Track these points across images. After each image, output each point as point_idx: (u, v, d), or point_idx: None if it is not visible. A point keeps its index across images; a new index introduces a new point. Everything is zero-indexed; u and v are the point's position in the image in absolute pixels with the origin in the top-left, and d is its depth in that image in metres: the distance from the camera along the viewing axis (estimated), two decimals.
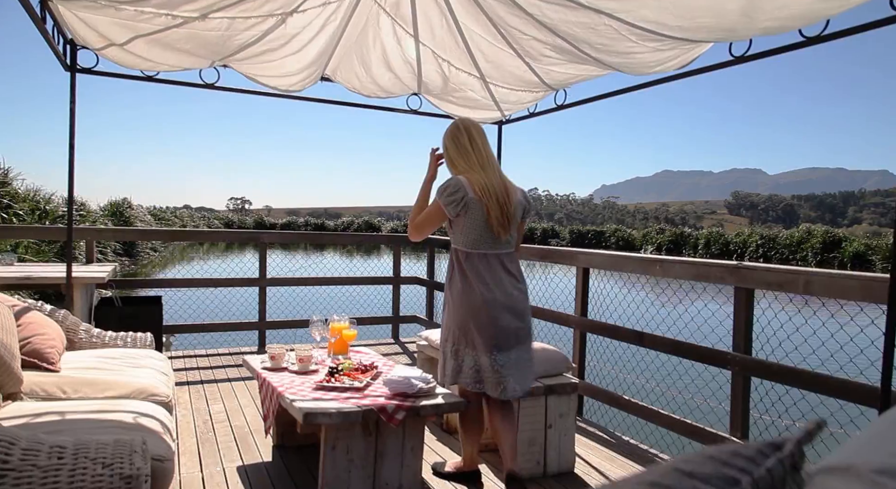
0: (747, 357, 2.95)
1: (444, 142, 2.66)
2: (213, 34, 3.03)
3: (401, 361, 5.66)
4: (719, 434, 3.09)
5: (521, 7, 2.68)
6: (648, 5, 2.26)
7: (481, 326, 2.57)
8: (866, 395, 2.42)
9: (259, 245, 5.70)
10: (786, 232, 47.67)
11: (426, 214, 2.70)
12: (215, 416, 3.90)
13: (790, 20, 2.19)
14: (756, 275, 2.88)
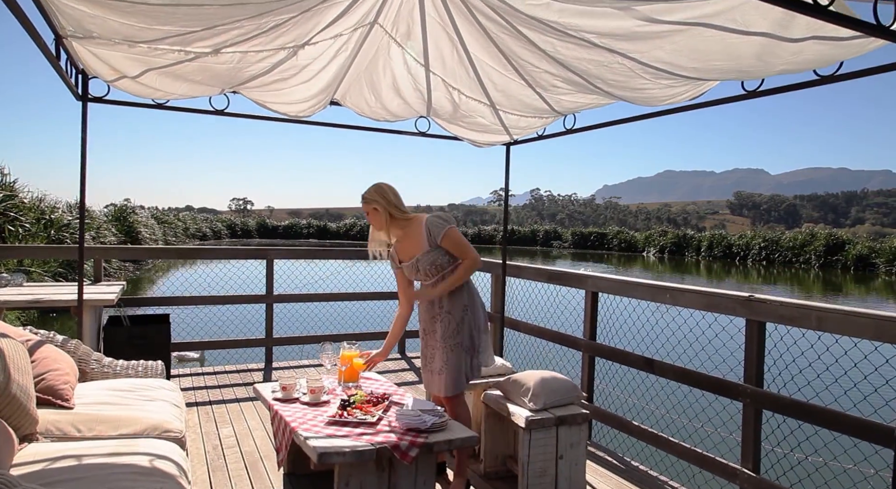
0: (759, 390, 2.95)
1: (385, 197, 3.14)
2: (224, 67, 3.04)
3: (407, 379, 5.67)
4: (730, 465, 3.09)
5: (534, 43, 2.68)
6: (663, 47, 2.27)
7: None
8: (882, 436, 2.41)
9: (267, 261, 5.71)
10: (789, 234, 47.56)
11: (465, 240, 3.18)
12: (225, 441, 3.91)
13: (805, 64, 2.20)
14: (768, 308, 2.88)
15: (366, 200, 3.17)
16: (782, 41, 2.03)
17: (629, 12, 2.09)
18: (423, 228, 3.11)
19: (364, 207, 3.18)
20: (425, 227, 3.11)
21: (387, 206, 3.13)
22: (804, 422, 2.76)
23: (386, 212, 3.13)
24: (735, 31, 2.04)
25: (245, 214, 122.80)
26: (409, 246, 3.20)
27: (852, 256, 37.31)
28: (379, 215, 3.14)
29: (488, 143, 4.34)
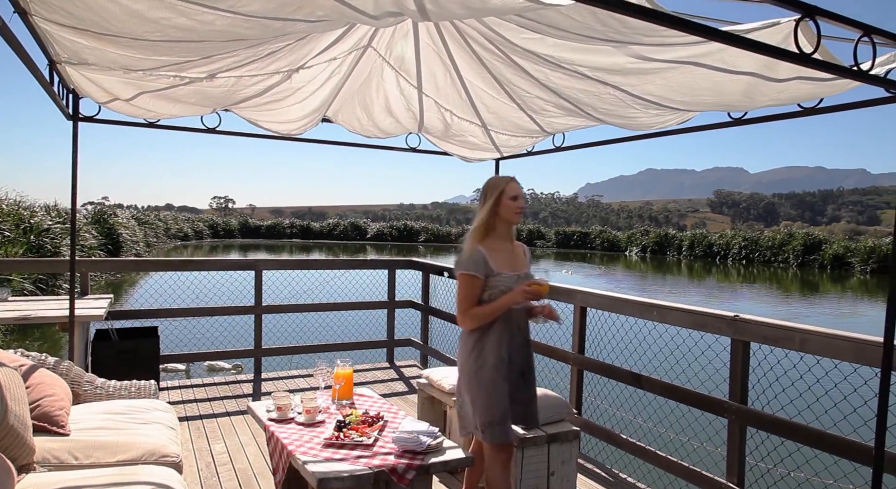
0: (743, 407, 3.04)
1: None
2: (218, 90, 3.06)
3: (397, 389, 5.71)
4: (716, 478, 3.18)
5: (527, 71, 2.74)
6: (654, 82, 2.34)
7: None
8: (861, 454, 2.51)
9: (256, 272, 5.71)
10: (768, 233, 48.35)
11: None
12: (217, 458, 3.91)
13: (789, 100, 2.28)
14: (752, 328, 2.97)
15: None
16: (768, 81, 2.11)
17: (622, 49, 2.15)
18: (523, 248, 2.92)
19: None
20: (524, 247, 2.94)
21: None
22: (787, 439, 2.86)
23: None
24: (723, 71, 2.12)
25: (226, 213, 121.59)
26: (515, 259, 2.79)
27: (829, 256, 38.05)
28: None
29: (478, 159, 4.40)
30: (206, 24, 1.81)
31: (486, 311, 2.66)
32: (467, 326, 2.72)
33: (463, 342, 2.79)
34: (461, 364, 2.80)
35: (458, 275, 2.68)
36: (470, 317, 2.67)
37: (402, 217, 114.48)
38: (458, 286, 2.68)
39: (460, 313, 2.70)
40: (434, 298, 6.47)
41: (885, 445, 2.29)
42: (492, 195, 2.67)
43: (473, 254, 2.65)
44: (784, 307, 20.80)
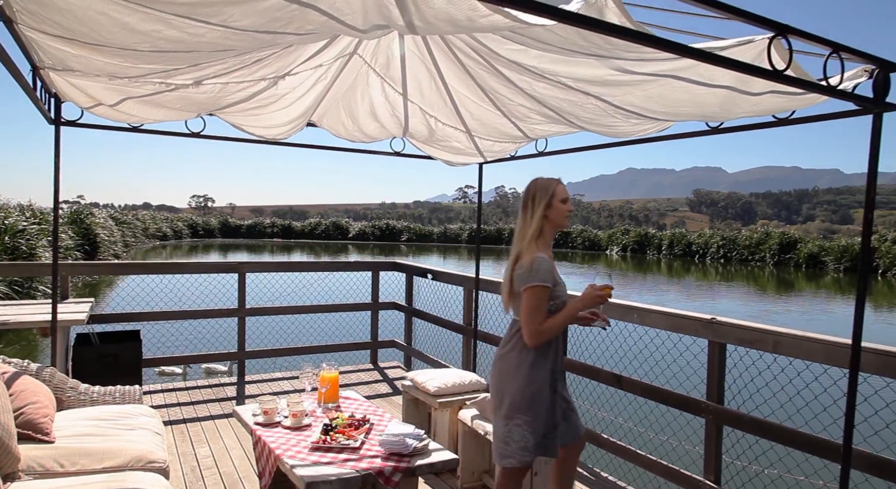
0: (720, 407, 3.13)
1: None
2: (204, 96, 3.06)
3: (381, 390, 5.74)
4: (693, 477, 3.27)
5: (511, 81, 2.79)
6: (634, 94, 2.40)
7: None
8: (830, 452, 2.61)
9: (240, 275, 5.69)
10: (745, 232, 49.15)
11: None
12: (202, 462, 3.92)
13: (763, 112, 2.37)
14: (728, 331, 3.07)
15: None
16: (744, 94, 2.19)
17: (604, 62, 2.21)
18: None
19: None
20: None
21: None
22: (761, 437, 2.95)
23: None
24: (701, 84, 2.19)
25: (206, 212, 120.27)
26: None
27: (804, 255, 38.84)
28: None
29: (462, 163, 4.44)
30: (196, 37, 1.83)
31: (558, 323, 2.44)
32: (537, 342, 2.44)
33: (518, 356, 2.53)
34: (522, 381, 2.51)
35: (531, 289, 2.40)
36: (542, 333, 2.41)
37: (383, 216, 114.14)
38: (529, 300, 2.41)
39: (531, 329, 2.41)
40: (417, 300, 6.50)
41: (852, 443, 2.39)
42: (541, 199, 2.48)
43: (543, 264, 2.42)
44: (762, 305, 21.19)
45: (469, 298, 5.42)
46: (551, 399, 2.55)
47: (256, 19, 1.68)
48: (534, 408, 2.50)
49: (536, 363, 2.51)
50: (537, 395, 2.50)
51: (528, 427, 2.48)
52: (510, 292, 2.54)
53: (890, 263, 34.28)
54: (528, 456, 2.50)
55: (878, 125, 2.24)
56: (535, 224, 2.48)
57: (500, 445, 2.56)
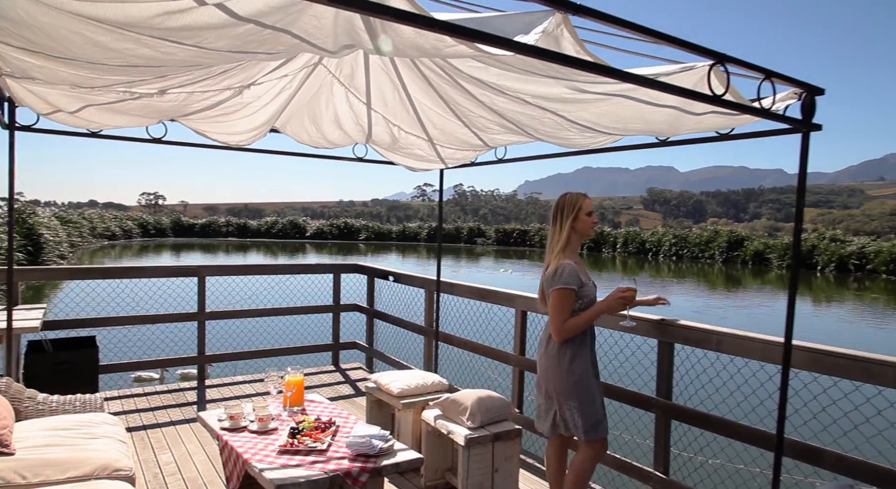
0: (668, 402, 3.33)
1: None
2: (168, 104, 3.07)
3: (343, 392, 5.79)
4: (644, 468, 3.47)
5: (472, 94, 2.91)
6: (588, 110, 2.56)
7: None
8: (765, 441, 2.83)
9: (199, 278, 5.65)
10: (696, 230, 50.82)
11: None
12: (165, 468, 3.91)
13: (706, 129, 2.56)
14: (677, 331, 3.27)
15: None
16: (687, 114, 2.36)
17: (560, 82, 2.35)
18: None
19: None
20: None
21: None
22: (706, 430, 3.17)
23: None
24: (649, 104, 2.35)
25: (157, 210, 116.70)
26: (585, 270, 3.01)
27: (750, 252, 40.47)
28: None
29: (423, 169, 4.54)
30: (168, 55, 1.87)
31: (583, 321, 2.84)
32: (563, 338, 2.85)
33: (557, 354, 2.90)
34: (558, 374, 2.90)
35: (556, 291, 2.80)
36: (566, 330, 2.82)
37: (341, 214, 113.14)
38: (555, 301, 2.81)
39: (556, 326, 2.82)
40: (379, 301, 6.57)
41: (784, 433, 2.61)
42: (569, 213, 2.87)
43: (567, 269, 2.81)
44: (711, 301, 22.04)
45: (430, 300, 5.52)
46: (596, 384, 2.96)
47: (230, 41, 1.74)
48: (580, 394, 2.87)
49: (577, 356, 2.90)
50: (581, 383, 2.88)
51: (577, 411, 2.87)
52: (543, 296, 2.97)
53: (828, 260, 36.06)
54: (579, 434, 2.90)
55: (805, 143, 2.45)
56: (563, 235, 2.89)
57: (549, 423, 3.00)
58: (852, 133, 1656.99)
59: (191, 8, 1.40)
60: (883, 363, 2.49)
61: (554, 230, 2.92)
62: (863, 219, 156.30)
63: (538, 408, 3.09)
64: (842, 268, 35.47)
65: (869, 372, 2.53)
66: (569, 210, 2.88)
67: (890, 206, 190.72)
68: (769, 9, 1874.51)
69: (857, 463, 2.54)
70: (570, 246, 2.91)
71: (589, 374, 2.93)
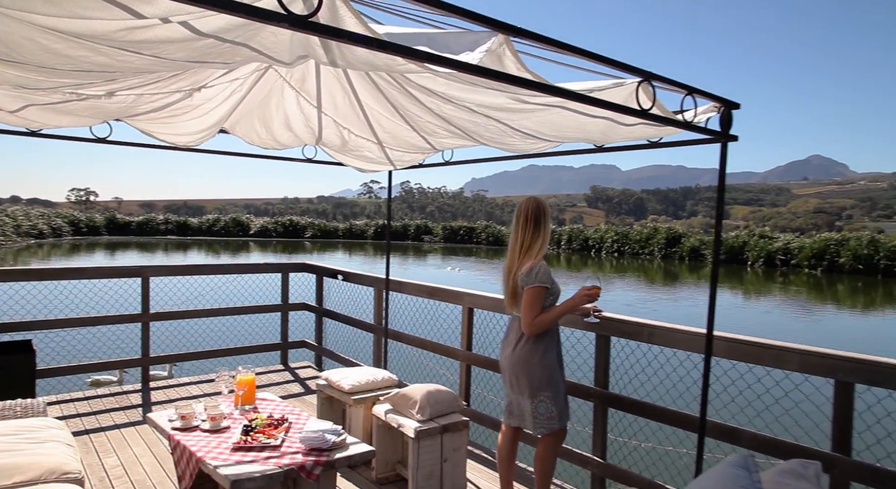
0: (605, 391, 3.57)
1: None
2: (115, 105, 3.06)
3: (293, 390, 5.82)
4: (584, 454, 3.70)
5: (420, 101, 3.03)
6: (530, 119, 2.72)
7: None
8: (690, 424, 3.09)
9: (143, 279, 5.55)
10: (637, 227, 52.60)
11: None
12: (111, 472, 3.87)
13: (637, 137, 2.77)
14: (612, 325, 3.50)
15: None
16: (619, 124, 2.56)
17: (503, 93, 2.50)
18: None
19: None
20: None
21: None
22: (639, 416, 3.41)
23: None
24: (584, 115, 2.54)
25: (88, 207, 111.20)
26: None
27: (687, 248, 42.25)
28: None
29: (373, 170, 4.64)
30: (125, 63, 1.91)
31: (553, 316, 3.08)
32: (534, 332, 3.08)
33: (531, 349, 3.12)
34: (532, 368, 3.11)
35: (533, 289, 3.03)
36: (537, 325, 3.05)
37: (286, 212, 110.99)
38: (531, 298, 3.04)
39: (529, 321, 3.05)
40: (328, 300, 6.62)
41: (706, 416, 2.87)
42: (546, 220, 3.16)
43: (543, 268, 3.08)
44: (649, 294, 22.96)
45: (379, 298, 5.62)
46: (562, 377, 3.23)
47: (189, 53, 1.80)
48: (552, 386, 3.12)
49: (547, 351, 3.14)
50: (552, 376, 3.12)
51: (551, 401, 3.11)
52: (513, 294, 3.18)
53: (757, 256, 38.08)
54: (554, 424, 3.13)
55: (724, 152, 2.70)
56: (544, 238, 3.15)
57: (531, 419, 3.15)
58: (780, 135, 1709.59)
59: (155, 25, 1.47)
60: (790, 350, 2.78)
61: (536, 232, 3.14)
62: (789, 216, 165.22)
63: (513, 407, 3.28)
64: (769, 263, 37.53)
65: (778, 358, 2.82)
66: (546, 217, 3.17)
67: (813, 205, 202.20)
68: (715, 21, 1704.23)
69: (768, 440, 2.83)
70: (543, 248, 3.16)
71: (558, 367, 3.20)
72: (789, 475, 1.77)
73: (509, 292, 3.22)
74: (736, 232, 44.25)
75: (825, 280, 31.61)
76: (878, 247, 33.28)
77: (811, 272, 34.94)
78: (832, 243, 35.40)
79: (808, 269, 35.53)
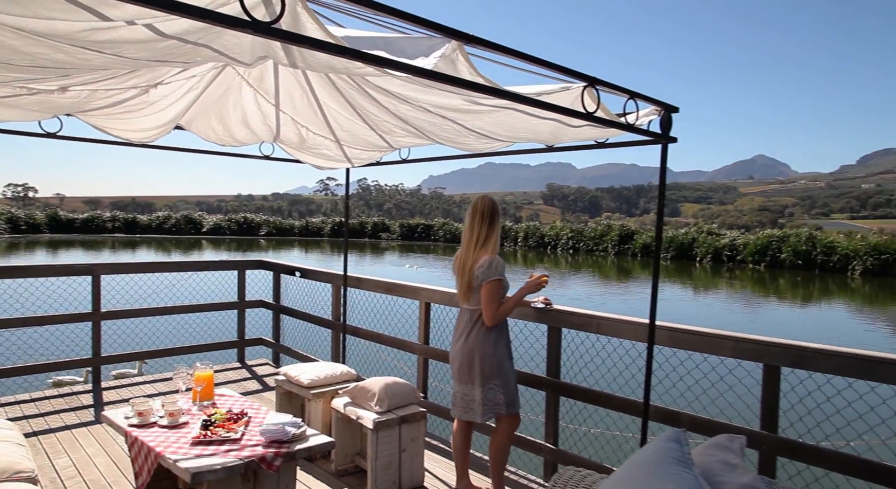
0: (557, 381, 3.73)
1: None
2: (68, 101, 3.03)
3: (250, 388, 5.81)
4: (537, 441, 3.85)
5: (378, 101, 3.11)
6: (483, 120, 2.84)
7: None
8: (635, 409, 3.28)
9: (94, 277, 5.44)
10: (592, 224, 53.74)
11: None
12: (63, 472, 3.81)
13: (585, 138, 2.93)
14: (563, 317, 3.66)
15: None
16: (567, 126, 2.71)
17: (457, 94, 2.61)
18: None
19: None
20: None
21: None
22: (588, 403, 3.59)
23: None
24: (535, 116, 2.67)
25: (27, 204, 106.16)
26: None
27: (639, 245, 43.42)
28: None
29: (330, 167, 4.68)
30: (84, 61, 1.93)
31: (511, 305, 3.28)
32: (497, 322, 3.25)
33: (483, 339, 3.27)
34: (483, 357, 3.26)
35: (493, 282, 3.19)
36: (500, 315, 3.24)
37: (240, 209, 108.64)
38: (490, 291, 3.19)
39: (491, 313, 3.21)
40: (286, 297, 6.61)
41: (650, 400, 3.05)
42: (498, 218, 3.32)
43: (500, 262, 3.25)
44: (603, 289, 23.57)
45: (337, 294, 5.66)
46: (512, 367, 3.37)
47: (151, 53, 1.84)
48: (502, 374, 3.27)
49: (498, 340, 3.30)
50: (503, 365, 3.28)
51: (500, 389, 3.25)
52: (468, 287, 3.30)
53: (705, 252, 39.47)
54: (501, 409, 3.27)
55: (664, 153, 2.88)
56: (497, 234, 3.30)
57: (480, 407, 3.27)
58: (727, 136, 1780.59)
59: (119, 26, 1.51)
60: (725, 337, 2.99)
61: (490, 229, 3.29)
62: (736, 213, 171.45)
63: (457, 398, 3.40)
64: (717, 259, 38.96)
65: (714, 345, 3.03)
66: (499, 215, 3.35)
67: (758, 203, 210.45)
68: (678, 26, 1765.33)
69: (704, 421, 3.04)
70: (497, 243, 3.33)
71: (508, 357, 3.35)
72: (717, 448, 1.95)
73: (464, 285, 3.34)
74: (686, 229, 45.72)
75: (768, 275, 33.06)
76: (815, 244, 35.00)
77: (755, 267, 36.45)
78: (774, 240, 37.00)
79: (752, 265, 37.04)
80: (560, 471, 2.60)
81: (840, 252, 33.60)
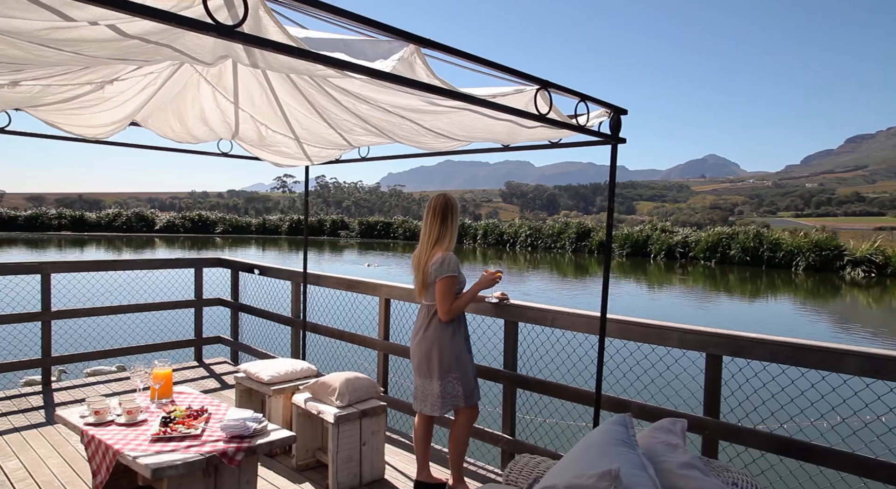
0: (514, 373, 3.85)
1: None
2: (19, 95, 2.97)
3: (208, 386, 5.76)
4: (494, 432, 3.97)
5: (337, 100, 3.16)
6: (440, 120, 2.92)
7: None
8: (587, 399, 3.43)
9: (43, 275, 5.30)
10: (549, 221, 54.52)
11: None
12: (13, 475, 3.73)
13: (539, 138, 3.05)
14: (519, 311, 3.79)
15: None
16: (521, 126, 2.82)
17: (415, 95, 2.69)
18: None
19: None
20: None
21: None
22: (544, 394, 3.73)
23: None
24: (490, 117, 2.77)
25: None
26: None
27: (596, 242, 44.30)
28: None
29: (289, 165, 4.69)
30: (42, 58, 1.92)
31: (466, 300, 3.37)
32: (452, 317, 3.34)
33: (440, 334, 3.35)
34: (441, 351, 3.34)
35: (446, 279, 3.28)
36: (455, 310, 3.33)
37: (194, 206, 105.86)
38: (445, 287, 3.29)
39: (446, 308, 3.30)
40: (244, 295, 6.56)
41: (602, 390, 3.20)
42: (454, 215, 3.40)
43: (454, 259, 3.34)
44: (561, 285, 24.00)
45: (297, 292, 5.66)
46: (470, 359, 3.46)
47: (112, 52, 1.85)
48: (460, 367, 3.36)
49: (455, 334, 3.38)
50: (461, 358, 3.37)
51: (458, 381, 3.35)
52: (423, 283, 3.39)
53: (659, 249, 40.60)
54: (459, 401, 3.36)
55: (614, 153, 3.02)
56: (453, 232, 3.39)
57: (438, 400, 3.36)
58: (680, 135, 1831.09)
59: (81, 26, 1.52)
60: (671, 329, 3.16)
61: (444, 227, 3.37)
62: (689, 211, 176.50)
63: (418, 392, 3.48)
64: (670, 256, 40.10)
65: (661, 336, 3.19)
66: (458, 212, 3.44)
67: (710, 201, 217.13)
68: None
69: (652, 408, 3.20)
70: (453, 240, 3.40)
71: (465, 350, 3.44)
72: (660, 431, 2.09)
73: (420, 281, 3.43)
74: (640, 227, 46.87)
75: (718, 271, 34.24)
76: (762, 241, 36.38)
77: (706, 264, 37.70)
78: (724, 237, 38.29)
79: (703, 261, 38.29)
80: (516, 459, 2.71)
81: (785, 249, 35.03)
